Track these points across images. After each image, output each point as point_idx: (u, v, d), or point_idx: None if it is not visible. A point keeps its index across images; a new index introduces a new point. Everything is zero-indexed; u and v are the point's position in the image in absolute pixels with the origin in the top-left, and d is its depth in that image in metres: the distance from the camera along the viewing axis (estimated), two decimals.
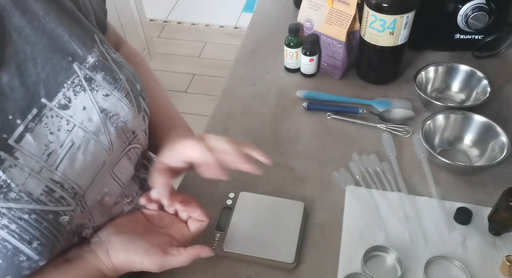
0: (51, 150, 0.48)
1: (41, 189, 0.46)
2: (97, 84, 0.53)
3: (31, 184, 0.45)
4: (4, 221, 0.43)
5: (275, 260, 0.67)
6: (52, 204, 0.47)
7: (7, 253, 0.44)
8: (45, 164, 0.47)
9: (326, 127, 0.90)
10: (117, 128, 0.55)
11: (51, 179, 0.47)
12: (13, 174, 0.44)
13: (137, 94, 0.59)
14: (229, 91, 1.00)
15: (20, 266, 0.45)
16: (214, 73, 2.52)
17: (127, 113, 0.56)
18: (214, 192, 0.78)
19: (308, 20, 0.98)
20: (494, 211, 0.69)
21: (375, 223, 0.72)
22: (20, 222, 0.44)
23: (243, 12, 2.99)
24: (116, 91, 0.55)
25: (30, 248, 0.45)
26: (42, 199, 0.46)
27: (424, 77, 0.93)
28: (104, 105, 0.54)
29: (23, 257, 0.45)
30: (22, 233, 0.44)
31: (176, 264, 0.56)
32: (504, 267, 0.65)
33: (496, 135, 0.79)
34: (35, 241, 0.45)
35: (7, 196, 0.43)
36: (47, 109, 0.48)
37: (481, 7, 0.92)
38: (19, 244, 0.44)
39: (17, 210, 0.44)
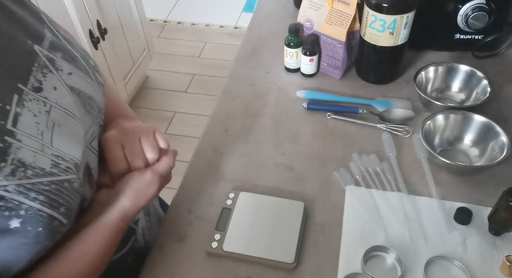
0: (41, 131, 0.50)
1: (49, 163, 0.50)
2: (59, 64, 0.55)
3: (40, 160, 0.49)
4: (33, 194, 0.47)
5: (275, 260, 0.67)
6: (63, 174, 0.51)
7: (44, 221, 0.48)
8: (43, 142, 0.50)
9: (326, 127, 0.90)
10: (85, 104, 0.58)
11: (53, 154, 0.51)
12: (23, 154, 0.47)
13: (93, 70, 0.61)
14: (229, 91, 1.00)
15: (55, 232, 0.50)
16: (214, 73, 2.52)
17: (90, 89, 0.59)
18: (214, 192, 0.78)
19: (308, 20, 0.98)
20: (494, 211, 0.69)
21: (375, 223, 0.72)
22: (45, 193, 0.48)
23: (243, 12, 3.00)
24: (76, 69, 0.57)
25: (59, 213, 0.49)
26: (54, 171, 0.50)
27: (424, 77, 0.93)
28: (70, 83, 0.56)
29: (57, 222, 0.49)
30: (51, 201, 0.48)
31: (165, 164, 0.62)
32: (504, 267, 0.65)
33: (496, 135, 0.79)
34: (62, 207, 0.50)
35: (26, 174, 0.47)
36: (24, 93, 0.50)
37: (481, 7, 0.92)
38: (51, 211, 0.48)
39: (39, 184, 0.48)
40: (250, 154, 0.85)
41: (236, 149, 0.86)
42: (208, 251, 0.69)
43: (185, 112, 2.31)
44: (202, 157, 0.85)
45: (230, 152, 0.86)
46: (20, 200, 0.46)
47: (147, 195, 0.60)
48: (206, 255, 0.70)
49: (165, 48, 2.69)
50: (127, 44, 2.15)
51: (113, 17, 2.00)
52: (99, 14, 1.84)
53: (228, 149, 0.86)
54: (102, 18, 1.87)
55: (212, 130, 0.91)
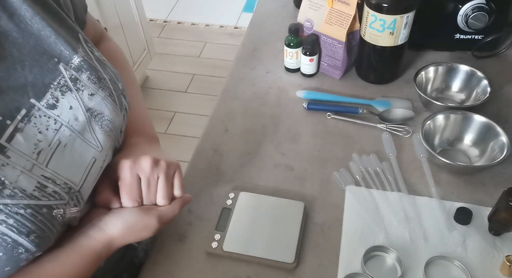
0: (40, 149, 0.49)
1: (34, 185, 0.48)
2: (83, 84, 0.54)
3: (24, 181, 0.47)
4: (2, 216, 0.45)
5: (275, 260, 0.67)
6: (45, 198, 0.49)
7: (7, 246, 0.45)
8: (35, 162, 0.48)
9: (326, 127, 0.90)
10: (103, 127, 0.56)
11: (43, 175, 0.49)
12: (6, 172, 0.45)
13: (119, 93, 0.60)
14: (229, 91, 1.00)
15: (19, 258, 0.47)
16: (214, 73, 2.52)
17: (111, 112, 0.57)
18: (214, 192, 0.78)
19: (308, 20, 0.98)
20: (494, 211, 0.69)
21: (375, 223, 0.72)
22: (17, 216, 0.46)
23: (243, 12, 3.00)
24: (100, 91, 0.56)
25: (28, 241, 0.47)
26: (35, 195, 0.48)
27: (424, 77, 0.93)
28: (90, 105, 0.55)
29: (22, 249, 0.47)
30: (20, 227, 0.46)
31: (170, 213, 0.60)
32: (504, 267, 0.65)
33: (496, 135, 0.79)
34: (32, 234, 0.47)
35: (2, 193, 0.45)
36: (35, 109, 0.49)
37: (481, 7, 0.92)
38: (17, 237, 0.46)
39: (13, 206, 0.45)
40: (250, 154, 0.85)
41: (236, 149, 0.86)
42: (208, 251, 0.69)
43: (185, 112, 2.31)
44: (202, 157, 0.85)
45: (230, 152, 0.86)
46: None
47: (140, 236, 0.58)
48: (206, 255, 0.70)
49: (165, 48, 2.69)
50: (127, 44, 2.15)
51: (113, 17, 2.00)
52: (99, 14, 1.84)
53: (228, 149, 0.86)
54: (102, 18, 1.87)
55: (212, 130, 0.91)
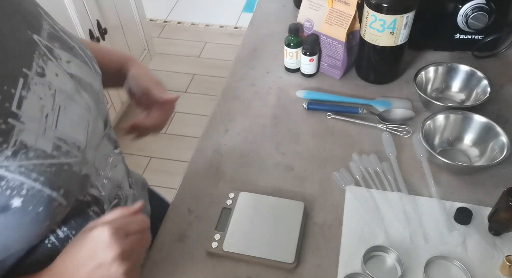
0: (46, 113, 0.52)
1: (51, 146, 0.51)
2: (58, 53, 0.56)
3: (42, 143, 0.50)
4: (34, 174, 0.48)
5: (275, 260, 0.67)
6: (64, 157, 0.52)
7: (44, 201, 0.49)
8: (46, 125, 0.51)
9: (326, 127, 0.90)
10: (87, 90, 0.59)
11: (55, 136, 0.52)
12: (25, 136, 0.48)
13: (91, 60, 0.63)
14: (229, 91, 1.00)
15: (55, 212, 0.51)
16: (214, 73, 2.52)
17: (89, 76, 0.61)
18: (214, 192, 0.78)
19: (308, 20, 0.98)
20: (494, 211, 0.69)
21: (375, 223, 0.72)
22: (46, 174, 0.49)
23: (243, 12, 2.99)
24: (74, 58, 0.59)
25: (59, 195, 0.50)
26: (54, 154, 0.51)
27: (424, 77, 0.93)
28: (70, 71, 0.57)
29: (56, 203, 0.50)
30: (51, 183, 0.50)
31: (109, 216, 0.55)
32: (504, 267, 0.65)
33: (496, 135, 0.79)
34: (61, 189, 0.51)
35: (28, 155, 0.48)
36: (30, 77, 0.51)
37: (481, 7, 0.92)
38: (51, 192, 0.49)
39: (41, 165, 0.49)
40: (250, 154, 0.85)
41: (236, 149, 0.86)
42: (208, 251, 0.69)
43: (185, 112, 2.31)
44: (202, 157, 0.85)
45: (230, 152, 0.86)
46: (22, 180, 0.47)
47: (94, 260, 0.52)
48: (206, 255, 0.70)
49: (165, 48, 2.69)
50: (127, 44, 2.15)
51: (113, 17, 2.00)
52: (99, 14, 1.84)
53: (228, 149, 0.86)
54: (102, 18, 1.87)
55: (212, 130, 0.91)
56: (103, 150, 0.65)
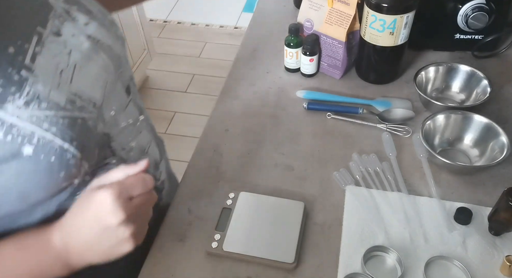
0: (61, 69, 0.54)
1: (64, 99, 0.53)
2: (75, 15, 0.58)
3: (55, 95, 0.52)
4: (46, 125, 0.50)
5: (275, 260, 0.67)
6: (77, 111, 0.54)
7: (56, 151, 0.50)
8: (60, 80, 0.53)
9: (326, 127, 0.90)
10: (106, 52, 0.61)
11: (70, 91, 0.54)
12: (38, 88, 0.50)
13: (111, 23, 0.64)
14: (229, 91, 1.00)
15: (69, 163, 0.52)
16: (214, 73, 2.52)
17: (108, 39, 0.62)
18: (214, 192, 0.78)
19: (308, 20, 0.98)
20: (494, 211, 0.69)
21: (375, 223, 0.72)
22: (58, 125, 0.51)
23: (243, 12, 3.00)
24: (92, 21, 0.60)
25: (72, 147, 0.52)
26: (68, 108, 0.53)
27: (424, 77, 0.93)
28: (88, 32, 0.59)
29: (69, 154, 0.52)
30: (63, 134, 0.51)
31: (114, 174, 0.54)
32: (504, 267, 0.65)
33: (496, 135, 0.79)
34: (74, 141, 0.52)
35: (40, 106, 0.50)
36: (45, 35, 0.53)
37: (481, 7, 0.92)
38: (63, 143, 0.51)
39: (53, 117, 0.51)
40: (250, 154, 0.85)
41: (236, 149, 0.86)
42: (208, 251, 0.69)
43: (185, 112, 2.31)
44: (202, 157, 0.85)
45: (230, 152, 0.86)
46: (33, 129, 0.49)
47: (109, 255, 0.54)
48: (206, 255, 0.70)
49: (165, 48, 2.69)
50: (127, 44, 2.15)
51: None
52: None
53: (228, 149, 0.86)
54: None
55: (212, 130, 0.91)
56: (128, 114, 0.67)
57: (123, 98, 0.66)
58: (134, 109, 0.69)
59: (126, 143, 0.66)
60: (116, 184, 0.52)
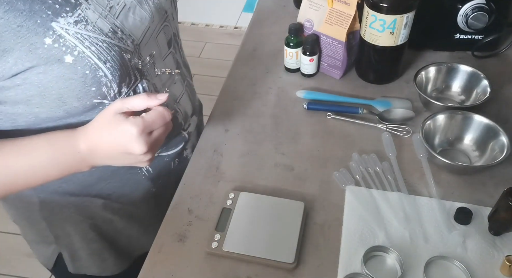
0: (111, 5, 0.64)
1: (108, 28, 0.62)
2: None
3: (101, 23, 0.61)
4: (87, 43, 0.59)
5: (275, 260, 0.67)
6: (117, 40, 0.63)
7: (91, 66, 0.60)
8: (108, 13, 0.63)
9: (326, 127, 0.90)
10: (154, 4, 0.71)
11: (114, 24, 0.63)
12: (88, 13, 0.60)
13: None
14: (229, 91, 1.00)
15: (100, 81, 0.62)
16: (214, 73, 2.52)
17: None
18: (214, 192, 0.78)
19: (308, 20, 0.98)
20: (494, 211, 0.69)
21: (375, 223, 0.72)
22: (97, 46, 0.60)
23: (243, 12, 3.00)
24: None
25: (105, 67, 0.61)
26: (109, 35, 0.62)
27: (424, 77, 0.93)
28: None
29: (101, 73, 0.61)
30: (99, 54, 0.61)
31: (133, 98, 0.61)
32: (504, 267, 0.65)
33: (496, 135, 0.79)
34: (108, 62, 0.62)
35: (86, 27, 0.60)
36: None
37: (481, 7, 0.92)
38: (98, 61, 0.61)
39: (94, 38, 0.60)
40: (250, 154, 0.85)
41: (236, 149, 0.86)
42: (208, 251, 0.69)
43: None
44: (202, 157, 0.85)
45: (230, 152, 0.86)
46: (76, 43, 0.58)
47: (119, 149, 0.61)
48: (206, 255, 0.70)
49: None
50: None
51: None
52: None
53: (228, 149, 0.86)
54: None
55: (212, 130, 0.91)
56: (165, 64, 0.77)
57: (163, 48, 0.76)
58: (172, 61, 0.79)
59: (159, 87, 0.75)
60: (141, 121, 0.58)
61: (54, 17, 0.57)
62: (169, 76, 0.78)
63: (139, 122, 0.58)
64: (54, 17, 0.57)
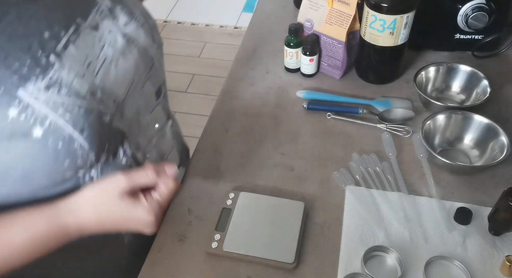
0: (90, 61, 0.56)
1: (85, 89, 0.54)
2: (117, 14, 0.62)
3: (77, 84, 0.53)
4: (60, 111, 0.51)
5: (275, 260, 0.67)
6: (95, 103, 0.55)
7: (64, 138, 0.52)
8: (86, 70, 0.55)
9: (326, 127, 0.90)
10: (139, 51, 0.63)
11: (93, 83, 0.55)
12: (63, 75, 0.52)
13: (151, 26, 0.67)
14: (229, 91, 1.00)
15: (76, 153, 0.53)
16: (214, 73, 2.52)
17: (144, 40, 0.64)
18: (214, 192, 0.78)
19: (308, 20, 0.98)
20: (494, 211, 0.69)
21: (375, 223, 0.72)
22: (72, 113, 0.52)
23: (243, 12, 3.00)
24: (133, 21, 0.63)
25: (82, 137, 0.53)
26: (87, 98, 0.54)
27: (424, 77, 0.93)
28: (125, 31, 0.62)
29: (77, 144, 0.53)
30: (75, 122, 0.52)
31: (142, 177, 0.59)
32: (504, 267, 0.65)
33: (496, 135, 0.79)
34: (85, 131, 0.53)
35: (60, 92, 0.51)
36: (82, 27, 0.56)
37: (481, 7, 0.92)
38: (73, 131, 0.52)
39: (69, 104, 0.52)
40: (250, 154, 0.85)
41: (236, 149, 0.86)
42: (208, 251, 0.69)
43: (185, 112, 2.31)
44: (202, 157, 0.85)
45: (230, 152, 0.86)
46: (47, 112, 0.50)
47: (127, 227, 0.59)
48: (206, 255, 0.70)
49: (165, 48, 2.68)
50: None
51: None
52: None
53: (228, 149, 0.86)
54: None
55: (212, 130, 0.91)
56: (154, 117, 0.69)
57: (151, 100, 0.68)
58: (162, 113, 0.71)
59: (144, 144, 0.67)
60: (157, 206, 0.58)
61: (22, 83, 0.48)
62: (157, 130, 0.70)
63: (156, 207, 0.58)
64: (21, 83, 0.48)
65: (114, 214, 0.57)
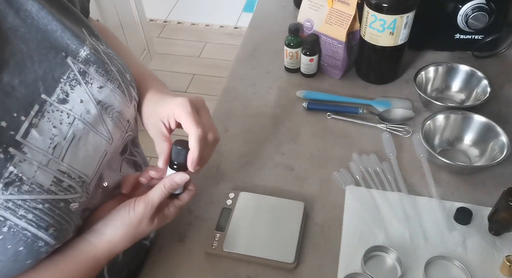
0: (55, 143, 0.50)
1: (50, 180, 0.49)
2: (91, 77, 0.55)
3: (41, 176, 0.48)
4: (22, 212, 0.46)
5: (275, 260, 0.67)
6: (62, 193, 0.50)
7: (27, 240, 0.47)
8: (51, 156, 0.49)
9: (326, 127, 0.90)
10: (113, 119, 0.57)
11: (59, 170, 0.50)
12: (23, 168, 0.46)
13: (128, 85, 0.61)
14: (229, 91, 1.00)
15: (39, 251, 0.48)
16: (214, 73, 2.52)
17: (120, 104, 0.58)
18: (214, 192, 0.78)
19: (308, 20, 0.98)
20: (494, 211, 0.69)
21: (375, 223, 0.72)
22: (35, 211, 0.47)
23: (243, 12, 3.00)
24: (109, 83, 0.57)
25: (47, 234, 0.48)
26: (52, 189, 0.49)
27: (424, 77, 0.93)
28: (100, 97, 0.56)
29: (42, 243, 0.48)
30: (39, 221, 0.47)
31: (158, 195, 0.58)
32: (504, 267, 0.65)
33: (496, 135, 0.79)
34: (50, 228, 0.48)
35: (20, 189, 0.46)
36: (47, 104, 0.50)
37: (481, 7, 0.92)
38: (37, 231, 0.47)
39: (32, 201, 0.47)
40: (250, 154, 0.85)
41: (236, 149, 0.86)
42: (208, 251, 0.69)
43: None
44: None
45: (230, 152, 0.86)
46: (6, 216, 0.45)
47: (139, 237, 0.59)
48: (206, 255, 0.70)
49: (165, 48, 2.69)
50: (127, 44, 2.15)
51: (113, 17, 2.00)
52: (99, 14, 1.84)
53: (228, 149, 0.86)
54: (102, 18, 1.87)
55: None
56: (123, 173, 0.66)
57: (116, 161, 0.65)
58: (128, 166, 0.68)
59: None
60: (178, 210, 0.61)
61: None
62: None
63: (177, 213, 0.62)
64: None
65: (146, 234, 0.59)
